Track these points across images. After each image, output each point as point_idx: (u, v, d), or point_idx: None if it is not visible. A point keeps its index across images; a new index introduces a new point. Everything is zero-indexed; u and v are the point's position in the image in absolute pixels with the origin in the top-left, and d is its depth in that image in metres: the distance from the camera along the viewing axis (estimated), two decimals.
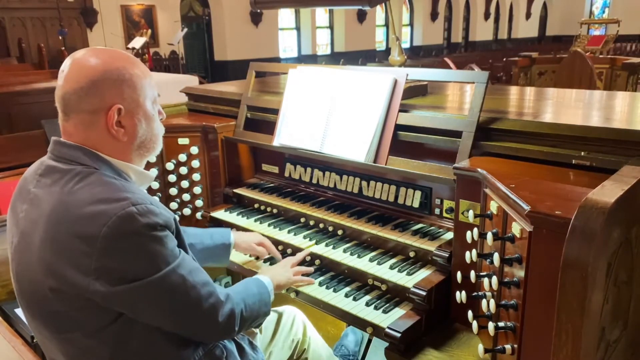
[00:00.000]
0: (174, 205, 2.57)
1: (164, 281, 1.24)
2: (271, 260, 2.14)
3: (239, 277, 2.44)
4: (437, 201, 2.01)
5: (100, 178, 1.28)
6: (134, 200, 1.22)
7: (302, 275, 1.94)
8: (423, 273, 1.83)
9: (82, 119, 1.31)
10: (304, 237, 2.17)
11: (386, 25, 19.50)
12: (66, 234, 1.20)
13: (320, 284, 1.94)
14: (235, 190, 2.56)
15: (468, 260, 1.63)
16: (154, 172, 1.53)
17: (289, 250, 2.16)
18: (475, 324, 1.59)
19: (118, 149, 1.35)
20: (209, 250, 1.92)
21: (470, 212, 1.59)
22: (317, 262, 2.09)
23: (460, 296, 1.65)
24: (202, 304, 1.33)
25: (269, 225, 2.30)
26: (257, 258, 2.17)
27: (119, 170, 1.35)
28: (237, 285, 1.63)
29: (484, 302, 1.56)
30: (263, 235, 2.25)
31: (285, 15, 16.47)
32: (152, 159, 1.51)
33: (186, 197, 2.60)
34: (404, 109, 2.05)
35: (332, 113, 2.17)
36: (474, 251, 1.61)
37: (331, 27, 17.90)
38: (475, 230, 1.62)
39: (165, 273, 1.24)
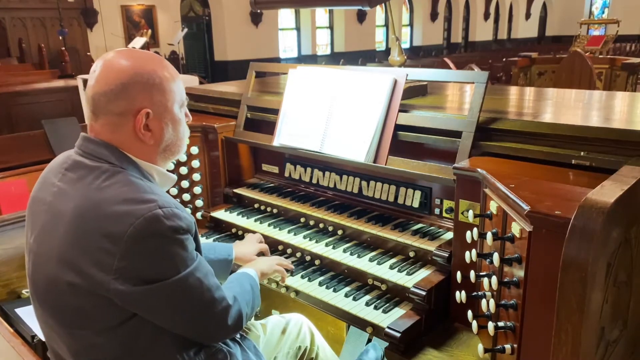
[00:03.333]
0: None
1: (182, 283, 1.26)
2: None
3: None
4: (437, 201, 2.02)
5: (127, 177, 1.29)
6: (160, 203, 1.23)
7: (283, 269, 1.97)
8: (423, 273, 1.83)
9: (110, 120, 1.32)
10: (304, 237, 2.17)
11: (386, 25, 19.50)
12: (91, 231, 1.21)
13: (320, 284, 1.94)
14: (235, 190, 2.57)
15: (468, 260, 1.63)
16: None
17: (289, 250, 2.16)
18: (475, 324, 1.59)
19: (144, 151, 1.37)
20: (211, 264, 1.93)
21: (470, 212, 1.60)
22: (317, 262, 2.09)
23: (460, 296, 1.66)
24: (215, 306, 1.35)
25: (269, 225, 2.30)
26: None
27: (144, 171, 1.36)
28: (231, 283, 1.63)
29: (483, 301, 1.56)
30: (263, 235, 2.25)
31: (285, 16, 16.47)
32: (170, 166, 1.54)
33: (186, 197, 2.60)
34: (403, 109, 2.05)
35: (332, 113, 2.18)
36: (473, 251, 1.62)
37: (331, 27, 17.89)
38: (475, 230, 1.62)
39: (183, 275, 1.25)
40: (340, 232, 2.15)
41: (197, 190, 2.61)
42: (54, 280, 1.26)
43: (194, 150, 2.56)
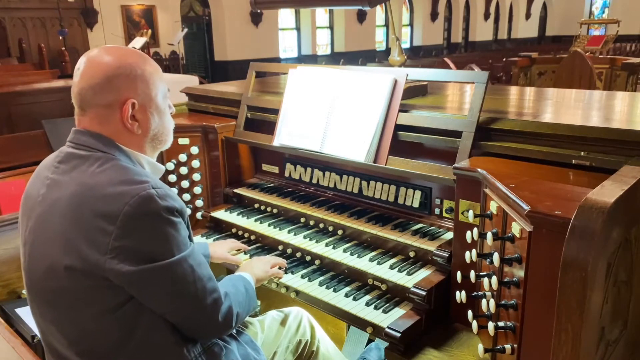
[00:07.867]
0: None
1: (176, 267, 1.27)
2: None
3: None
4: (437, 201, 2.02)
5: (119, 163, 1.33)
6: (154, 184, 1.27)
7: (279, 270, 1.99)
8: (423, 273, 1.83)
9: (97, 113, 1.36)
10: (304, 237, 2.17)
11: (386, 25, 19.49)
12: (87, 213, 1.23)
13: (320, 284, 1.94)
14: (235, 190, 2.56)
15: (468, 260, 1.63)
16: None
17: (289, 250, 2.16)
18: (475, 324, 1.59)
19: (133, 140, 1.40)
20: None
21: (470, 212, 1.60)
22: (317, 262, 2.09)
23: (460, 296, 1.66)
24: (207, 297, 1.35)
25: (269, 225, 2.30)
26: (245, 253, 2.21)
27: (134, 160, 1.40)
28: (224, 283, 1.63)
29: (483, 301, 1.56)
30: (263, 235, 2.26)
31: (285, 16, 16.46)
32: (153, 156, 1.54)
33: (186, 197, 2.60)
34: (404, 109, 2.05)
35: (332, 113, 2.18)
36: (473, 251, 1.62)
37: (331, 27, 17.88)
38: (475, 230, 1.62)
39: (177, 260, 1.27)
40: (340, 232, 2.15)
41: (197, 190, 2.61)
42: (51, 266, 1.27)
43: (194, 150, 2.56)
